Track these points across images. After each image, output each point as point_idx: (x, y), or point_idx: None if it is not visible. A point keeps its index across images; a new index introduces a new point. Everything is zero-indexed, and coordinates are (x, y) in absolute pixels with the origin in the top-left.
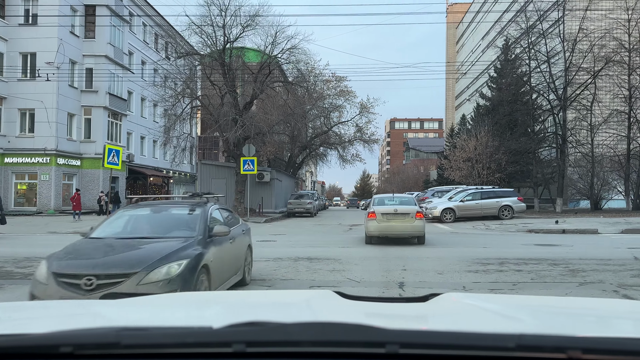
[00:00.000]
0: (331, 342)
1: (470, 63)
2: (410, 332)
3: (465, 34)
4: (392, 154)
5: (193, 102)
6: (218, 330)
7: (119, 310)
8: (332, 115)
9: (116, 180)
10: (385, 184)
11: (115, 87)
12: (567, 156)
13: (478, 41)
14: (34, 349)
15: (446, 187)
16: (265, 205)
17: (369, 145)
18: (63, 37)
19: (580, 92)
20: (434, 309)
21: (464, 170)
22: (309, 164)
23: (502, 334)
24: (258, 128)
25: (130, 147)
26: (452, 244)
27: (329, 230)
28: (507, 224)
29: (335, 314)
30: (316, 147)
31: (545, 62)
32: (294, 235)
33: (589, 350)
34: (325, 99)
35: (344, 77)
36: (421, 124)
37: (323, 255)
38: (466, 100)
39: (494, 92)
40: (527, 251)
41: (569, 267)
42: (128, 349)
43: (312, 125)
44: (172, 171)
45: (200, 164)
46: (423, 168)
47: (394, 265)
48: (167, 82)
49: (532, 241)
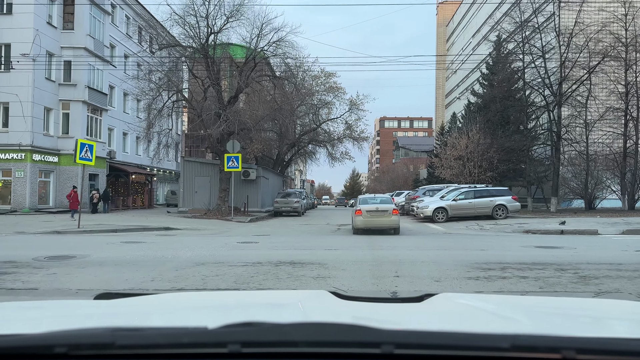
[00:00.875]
0: (326, 343)
1: (461, 61)
2: (406, 332)
3: (455, 32)
4: (382, 152)
5: (175, 95)
6: (213, 330)
7: (114, 311)
8: (320, 112)
9: (96, 177)
10: (374, 183)
11: (95, 81)
12: (562, 154)
13: (468, 39)
14: (28, 349)
15: (438, 186)
16: (251, 204)
17: (358, 143)
18: (39, 27)
19: (577, 87)
20: (429, 309)
21: (455, 168)
22: (297, 162)
23: (496, 334)
24: (243, 123)
25: (112, 143)
26: (447, 246)
27: (316, 230)
28: (501, 224)
29: (330, 314)
30: (305, 144)
31: (540, 57)
32: (278, 236)
33: (583, 351)
34: (314, 95)
35: (333, 73)
36: (411, 122)
37: (308, 258)
38: (456, 98)
39: (485, 89)
40: (529, 254)
41: (578, 272)
42: (123, 349)
43: (301, 122)
44: (157, 169)
45: (183, 161)
46: (413, 167)
47: (385, 270)
48: (148, 75)
49: (531, 243)
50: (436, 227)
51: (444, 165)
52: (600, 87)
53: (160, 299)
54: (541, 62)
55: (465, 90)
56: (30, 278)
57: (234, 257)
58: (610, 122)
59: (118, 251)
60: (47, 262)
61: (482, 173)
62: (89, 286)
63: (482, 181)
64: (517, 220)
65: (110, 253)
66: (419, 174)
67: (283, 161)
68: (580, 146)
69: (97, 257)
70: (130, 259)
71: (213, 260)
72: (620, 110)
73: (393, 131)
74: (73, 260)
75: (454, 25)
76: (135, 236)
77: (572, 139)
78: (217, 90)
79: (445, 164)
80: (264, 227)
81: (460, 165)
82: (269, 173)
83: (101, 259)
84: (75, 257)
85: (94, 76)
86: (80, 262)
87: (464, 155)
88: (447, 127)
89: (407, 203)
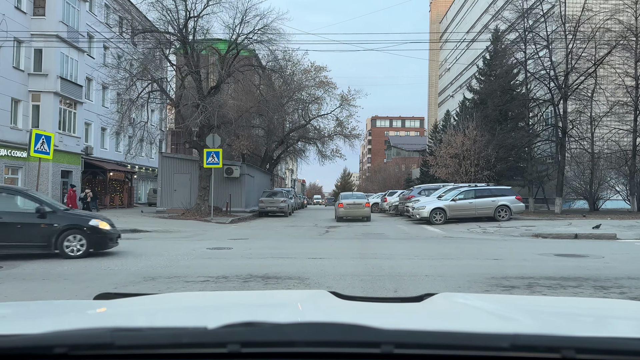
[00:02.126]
0: (326, 342)
1: (455, 58)
2: (405, 332)
3: (449, 28)
4: (373, 152)
5: (150, 86)
6: (213, 330)
7: (113, 311)
8: (310, 108)
9: (69, 174)
10: (366, 182)
11: (69, 71)
12: (568, 151)
13: (463, 36)
14: (28, 349)
15: (434, 185)
16: (234, 203)
17: (349, 141)
18: (6, 12)
19: (585, 79)
20: (428, 308)
21: (450, 167)
22: (286, 160)
23: (496, 334)
24: (224, 116)
25: (89, 139)
26: (452, 254)
27: (302, 233)
28: (506, 227)
29: (330, 314)
30: (294, 141)
31: (544, 47)
32: (257, 240)
33: (583, 350)
34: (304, 89)
35: (323, 66)
36: (402, 122)
37: (286, 271)
38: (450, 96)
39: (482, 85)
40: (552, 265)
41: (624, 292)
42: (122, 349)
43: (290, 119)
44: (139, 166)
45: (162, 157)
46: (404, 166)
47: (381, 287)
48: (118, 60)
49: (546, 249)
50: (434, 229)
51: (439, 164)
52: (608, 80)
53: (160, 299)
54: (545, 53)
55: (459, 88)
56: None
57: (195, 269)
58: (618, 117)
59: (55, 261)
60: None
61: (478, 172)
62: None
63: (479, 180)
64: (521, 222)
65: (44, 264)
66: (411, 173)
67: (271, 159)
68: (587, 142)
69: (24, 270)
70: (63, 271)
71: (168, 273)
72: (629, 105)
73: (385, 130)
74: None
75: (448, 21)
76: None
77: (579, 135)
78: (196, 79)
79: (441, 162)
80: (244, 229)
81: (456, 163)
82: (254, 171)
83: (28, 271)
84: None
85: (68, 66)
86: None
87: (460, 154)
88: (440, 125)
89: (401, 203)
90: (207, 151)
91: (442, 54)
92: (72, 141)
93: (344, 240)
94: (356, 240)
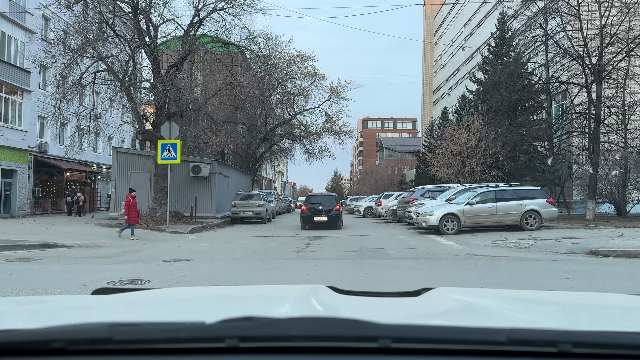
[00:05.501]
0: (324, 337)
1: (452, 53)
2: (403, 326)
3: (444, 22)
4: (365, 154)
5: (97, 64)
6: (211, 325)
7: (111, 306)
8: (296, 101)
9: (13, 174)
10: (357, 185)
11: (12, 54)
12: (604, 143)
13: (459, 29)
14: (26, 344)
15: (441, 186)
16: (202, 207)
17: (340, 138)
18: None
19: (623, 57)
20: (426, 303)
21: (454, 166)
22: (271, 159)
23: (493, 328)
24: (184, 101)
25: (43, 134)
26: (485, 284)
27: (275, 248)
28: (541, 239)
29: (328, 309)
30: (278, 139)
31: (575, 18)
32: (205, 262)
33: (579, 344)
34: (289, 80)
35: (310, 55)
36: (394, 123)
37: None
38: (446, 94)
39: (487, 75)
40: None
41: None
42: (120, 344)
43: (273, 113)
44: (105, 166)
45: (116, 153)
46: (397, 168)
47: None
48: (66, 38)
49: (631, 276)
50: (449, 242)
51: (440, 163)
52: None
53: (158, 294)
54: (573, 26)
55: (455, 85)
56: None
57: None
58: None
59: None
60: None
61: (485, 171)
62: None
63: (487, 181)
64: (557, 232)
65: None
66: (404, 175)
67: (254, 158)
68: (620, 134)
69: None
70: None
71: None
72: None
73: (376, 132)
74: None
75: (443, 15)
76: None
77: (614, 125)
78: (150, 54)
79: (442, 160)
80: (201, 243)
81: (460, 162)
82: (229, 170)
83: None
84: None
85: (10, 48)
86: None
87: (464, 151)
88: (437, 122)
89: (400, 207)
90: (161, 143)
91: (437, 49)
92: (15, 135)
93: (329, 260)
94: (347, 262)
